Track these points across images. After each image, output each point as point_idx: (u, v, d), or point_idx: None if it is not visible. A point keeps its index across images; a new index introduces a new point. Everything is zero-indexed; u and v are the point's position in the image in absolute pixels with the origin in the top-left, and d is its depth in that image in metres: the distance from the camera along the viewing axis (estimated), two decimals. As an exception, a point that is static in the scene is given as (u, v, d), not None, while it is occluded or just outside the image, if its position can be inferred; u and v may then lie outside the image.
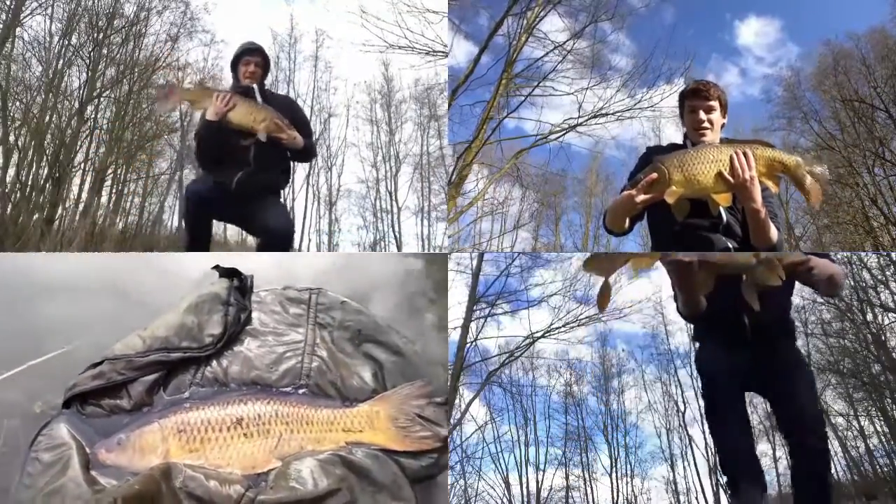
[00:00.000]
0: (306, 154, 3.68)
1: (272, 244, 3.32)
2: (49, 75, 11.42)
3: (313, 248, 15.46)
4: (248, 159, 3.30)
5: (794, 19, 15.59)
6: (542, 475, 15.74)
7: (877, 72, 11.83)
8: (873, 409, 12.25)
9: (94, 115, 12.19)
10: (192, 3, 13.37)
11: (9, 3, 11.07)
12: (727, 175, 2.14)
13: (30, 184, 11.12)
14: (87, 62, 11.91)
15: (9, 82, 10.95)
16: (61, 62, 11.64)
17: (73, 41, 11.81)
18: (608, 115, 11.30)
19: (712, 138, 2.40)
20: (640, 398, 16.77)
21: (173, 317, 1.95)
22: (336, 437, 1.78)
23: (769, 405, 2.50)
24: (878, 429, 12.34)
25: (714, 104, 2.42)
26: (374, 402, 1.87)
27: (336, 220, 16.05)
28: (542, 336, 13.19)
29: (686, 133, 2.51)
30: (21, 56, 11.26)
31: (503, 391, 15.49)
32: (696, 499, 15.46)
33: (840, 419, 12.66)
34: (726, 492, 2.30)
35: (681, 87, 2.73)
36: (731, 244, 2.30)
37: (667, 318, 15.69)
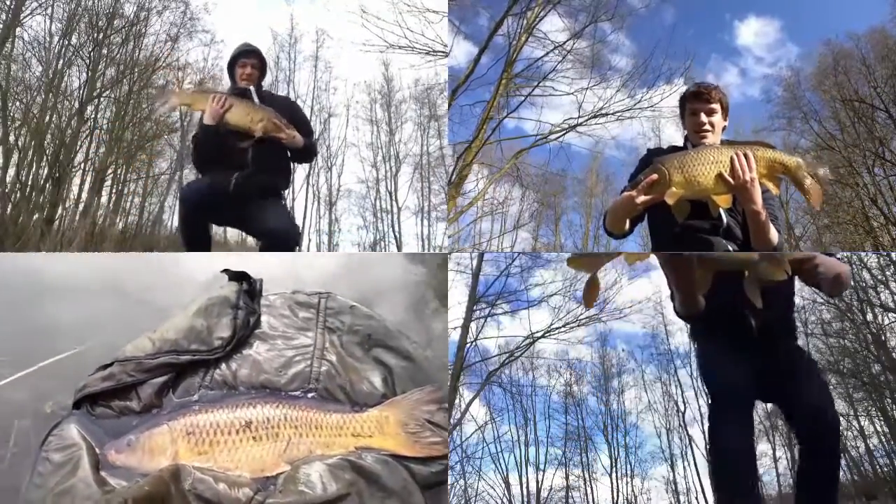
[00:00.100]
0: (307, 154, 3.65)
1: (273, 246, 3.28)
2: (49, 75, 11.42)
3: (313, 248, 15.47)
4: (247, 161, 3.26)
5: (794, 19, 15.63)
6: (542, 475, 15.79)
7: (877, 72, 11.85)
8: (873, 409, 12.28)
9: (94, 115, 12.22)
10: (192, 3, 13.43)
11: (9, 3, 11.07)
12: (727, 176, 2.12)
13: (30, 184, 11.13)
14: (87, 62, 11.92)
15: (9, 82, 10.96)
16: (61, 62, 11.65)
17: (73, 41, 11.85)
18: (608, 115, 11.34)
19: (713, 141, 2.38)
20: (640, 398, 16.83)
21: (183, 319, 1.95)
22: (345, 441, 1.77)
23: (781, 409, 2.42)
24: (878, 429, 12.37)
25: (715, 107, 2.41)
26: (383, 407, 1.85)
27: (336, 220, 16.09)
28: (542, 336, 13.24)
29: (687, 135, 2.50)
30: (21, 56, 11.29)
31: (503, 391, 15.54)
32: (696, 499, 15.49)
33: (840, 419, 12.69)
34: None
35: (681, 88, 2.74)
36: (732, 246, 2.28)
37: (667, 318, 15.73)
